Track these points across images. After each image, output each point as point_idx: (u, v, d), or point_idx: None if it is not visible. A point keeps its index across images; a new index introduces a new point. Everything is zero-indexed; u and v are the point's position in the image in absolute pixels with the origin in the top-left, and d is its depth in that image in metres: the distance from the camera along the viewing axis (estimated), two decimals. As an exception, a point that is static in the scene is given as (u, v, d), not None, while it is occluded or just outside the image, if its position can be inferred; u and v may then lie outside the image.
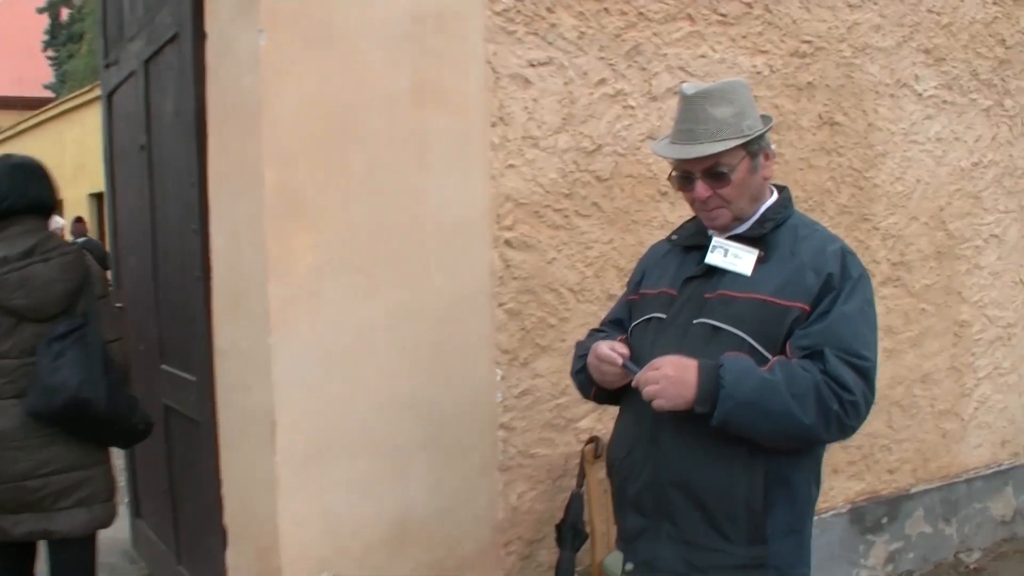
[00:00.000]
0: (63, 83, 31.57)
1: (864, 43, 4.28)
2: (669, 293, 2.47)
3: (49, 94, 29.80)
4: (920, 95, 4.52)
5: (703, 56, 3.79)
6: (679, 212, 3.47)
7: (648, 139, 3.63)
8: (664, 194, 3.69)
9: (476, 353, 3.32)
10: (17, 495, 3.01)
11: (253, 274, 2.97)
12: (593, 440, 3.47)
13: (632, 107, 3.68)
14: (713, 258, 2.39)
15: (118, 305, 4.06)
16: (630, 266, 3.11)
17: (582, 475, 3.46)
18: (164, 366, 4.00)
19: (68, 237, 12.25)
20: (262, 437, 2.99)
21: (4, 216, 3.11)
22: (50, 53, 34.16)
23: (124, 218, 4.65)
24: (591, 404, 3.03)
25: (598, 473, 3.35)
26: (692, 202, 2.45)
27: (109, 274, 3.95)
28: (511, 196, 3.39)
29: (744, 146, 2.33)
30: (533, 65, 3.41)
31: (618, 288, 3.41)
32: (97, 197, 19.23)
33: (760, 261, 2.35)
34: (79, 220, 12.78)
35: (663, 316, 2.44)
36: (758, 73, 3.94)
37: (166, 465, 4.13)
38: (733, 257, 2.36)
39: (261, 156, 2.87)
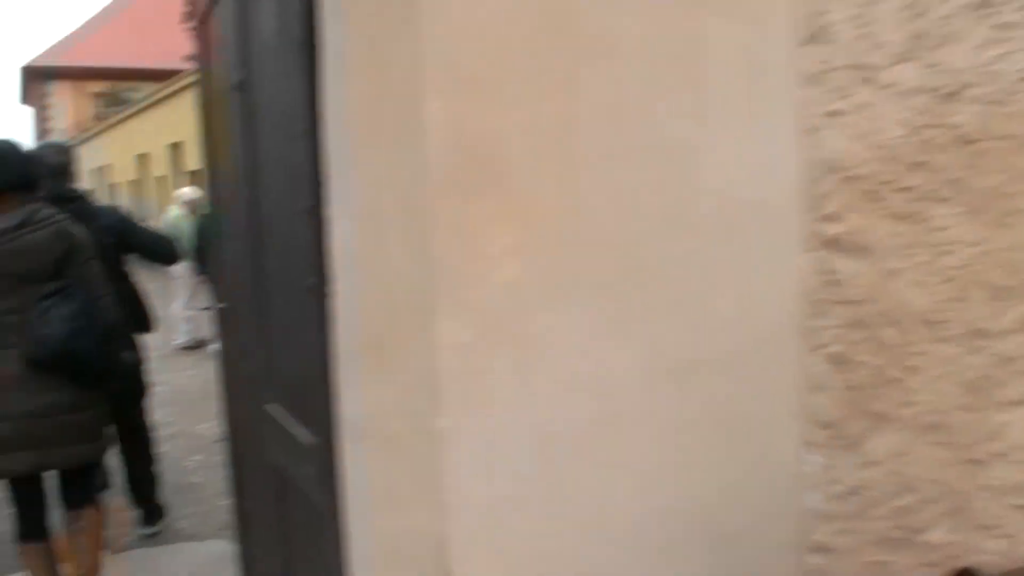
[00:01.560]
0: (207, 53, 31.15)
1: None
2: None
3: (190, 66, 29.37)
4: None
5: None
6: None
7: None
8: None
9: (777, 428, 1.95)
10: (19, 432, 3.59)
11: (408, 294, 1.64)
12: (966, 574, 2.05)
13: (1010, 25, 2.23)
14: None
15: (221, 306, 3.48)
16: (1009, 283, 1.80)
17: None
18: (269, 407, 2.76)
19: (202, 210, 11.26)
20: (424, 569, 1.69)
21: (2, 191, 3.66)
22: (195, 24, 33.92)
23: (222, 186, 3.40)
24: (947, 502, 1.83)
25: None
26: None
27: None
28: (835, 165, 2.00)
29: None
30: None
31: (989, 320, 2.02)
32: (234, 168, 18.48)
33: None
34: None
35: None
36: None
37: (280, 542, 2.90)
38: None
39: (421, 84, 1.56)
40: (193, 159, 21.17)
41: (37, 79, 45.20)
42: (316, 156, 2.01)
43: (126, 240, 4.97)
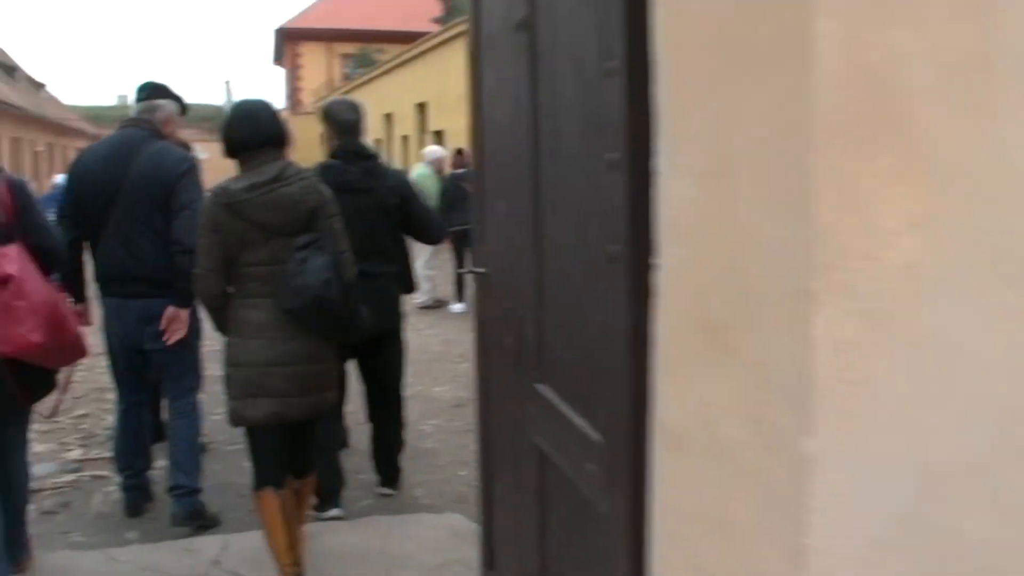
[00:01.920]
0: (450, 16, 31.57)
1: None
2: None
3: (436, 27, 29.80)
4: None
5: None
6: None
7: None
8: None
9: None
10: (267, 380, 3.69)
11: (768, 271, 1.25)
12: None
13: None
14: None
15: (480, 270, 3.19)
16: None
17: None
18: (539, 387, 2.45)
19: (447, 169, 11.21)
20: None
21: (246, 150, 3.77)
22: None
23: (491, 139, 3.11)
24: None
25: None
26: None
27: None
28: None
29: None
30: None
31: None
32: (476, 129, 18.54)
33: None
34: (459, 152, 11.68)
35: None
36: None
37: (537, 534, 2.61)
38: None
39: None
40: (438, 119, 21.44)
41: (290, 41, 47.26)
42: (630, 98, 1.67)
43: (403, 207, 4.96)
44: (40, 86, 51.09)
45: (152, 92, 5.01)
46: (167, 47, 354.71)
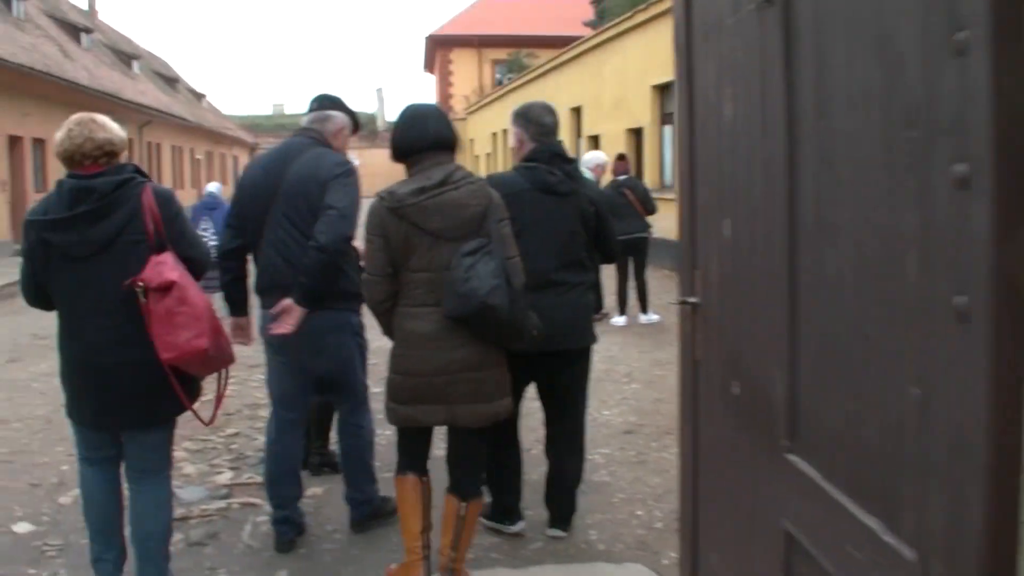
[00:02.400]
0: (602, 19, 31.09)
1: None
2: None
3: (587, 31, 29.34)
4: None
5: None
6: None
7: None
8: None
9: None
10: (429, 389, 3.66)
11: None
12: None
13: None
14: None
15: (693, 300, 2.73)
16: None
17: None
18: (793, 459, 1.92)
19: (608, 176, 10.69)
20: None
21: (414, 154, 3.76)
22: (592, -9, 34.19)
23: (709, 143, 2.58)
24: None
25: None
26: None
27: (654, 219, 3.33)
28: None
29: None
30: None
31: None
32: (635, 132, 17.97)
33: None
34: (621, 157, 11.12)
35: None
36: None
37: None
38: None
39: None
40: (593, 123, 20.98)
41: (440, 48, 47.51)
42: (997, 85, 1.13)
43: (596, 218, 4.56)
44: (200, 96, 52.71)
45: (324, 103, 4.79)
46: (321, 57, 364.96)
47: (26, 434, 6.76)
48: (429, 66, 55.31)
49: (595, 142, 20.55)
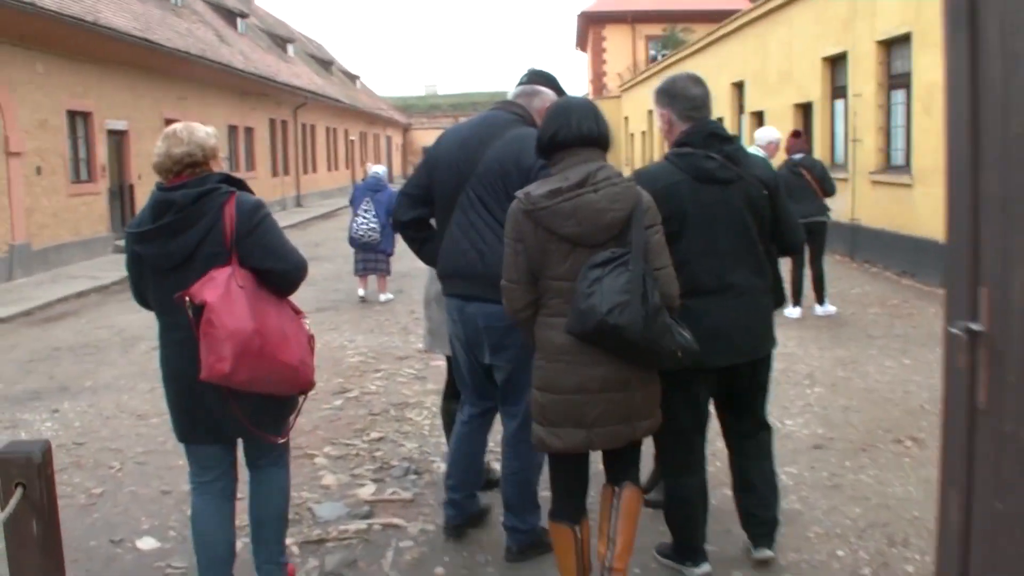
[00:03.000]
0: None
1: None
2: None
3: (744, 4, 28.07)
4: None
5: None
6: None
7: None
8: None
9: None
10: (568, 407, 3.36)
11: None
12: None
13: None
14: None
15: (976, 327, 2.01)
16: None
17: None
18: None
19: (780, 155, 9.80)
20: None
21: (556, 150, 3.45)
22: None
23: (999, 111, 1.83)
24: None
25: None
26: None
27: (830, 201, 2.56)
28: None
29: None
30: None
31: None
32: (804, 108, 16.89)
33: None
34: (796, 134, 10.11)
35: None
36: None
37: None
38: None
39: None
40: (756, 99, 19.96)
41: (593, 25, 46.73)
42: None
43: (770, 202, 3.88)
44: (354, 78, 53.35)
45: (535, 78, 4.34)
46: (472, 37, 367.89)
47: (164, 431, 6.39)
48: (581, 44, 54.56)
49: (759, 119, 19.47)
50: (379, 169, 12.19)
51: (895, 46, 13.04)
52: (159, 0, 24.84)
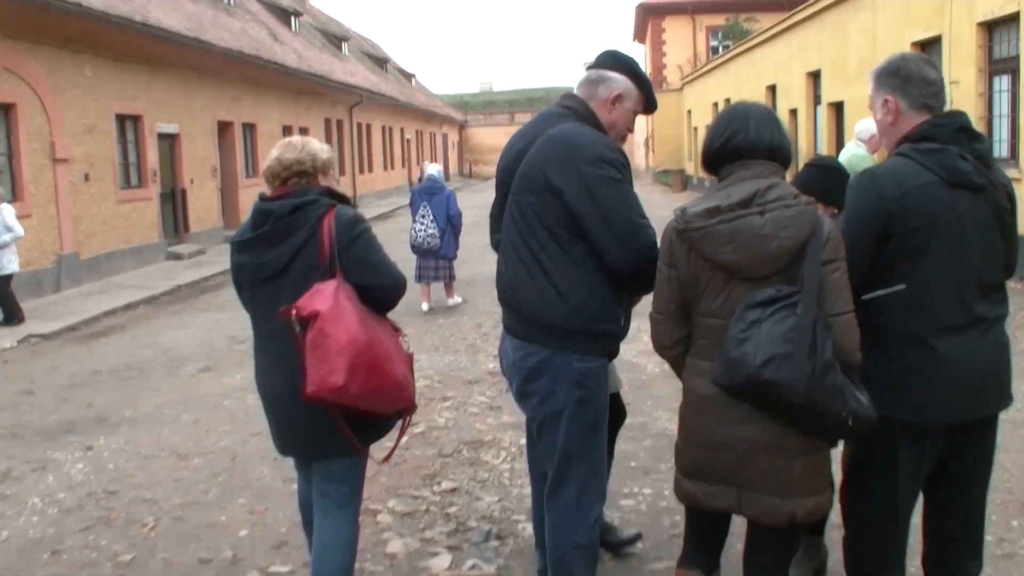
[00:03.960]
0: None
1: None
2: None
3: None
4: None
5: None
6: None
7: None
8: None
9: None
10: (712, 465, 2.90)
11: None
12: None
13: None
14: None
15: None
16: None
17: None
18: None
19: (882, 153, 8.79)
20: None
21: (724, 162, 2.94)
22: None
23: None
24: None
25: None
26: None
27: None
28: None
29: None
30: None
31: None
32: (888, 99, 15.82)
33: None
34: None
35: None
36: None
37: None
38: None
39: None
40: (834, 89, 18.91)
41: (652, 16, 45.85)
42: None
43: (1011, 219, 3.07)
44: (409, 76, 52.98)
45: (604, 60, 3.53)
46: (527, 33, 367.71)
47: (206, 475, 5.65)
48: (639, 36, 53.63)
49: (837, 110, 18.42)
50: (434, 170, 11.57)
51: (999, 28, 12.01)
52: (211, 0, 24.39)
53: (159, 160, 18.84)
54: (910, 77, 3.00)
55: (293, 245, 3.34)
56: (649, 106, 3.51)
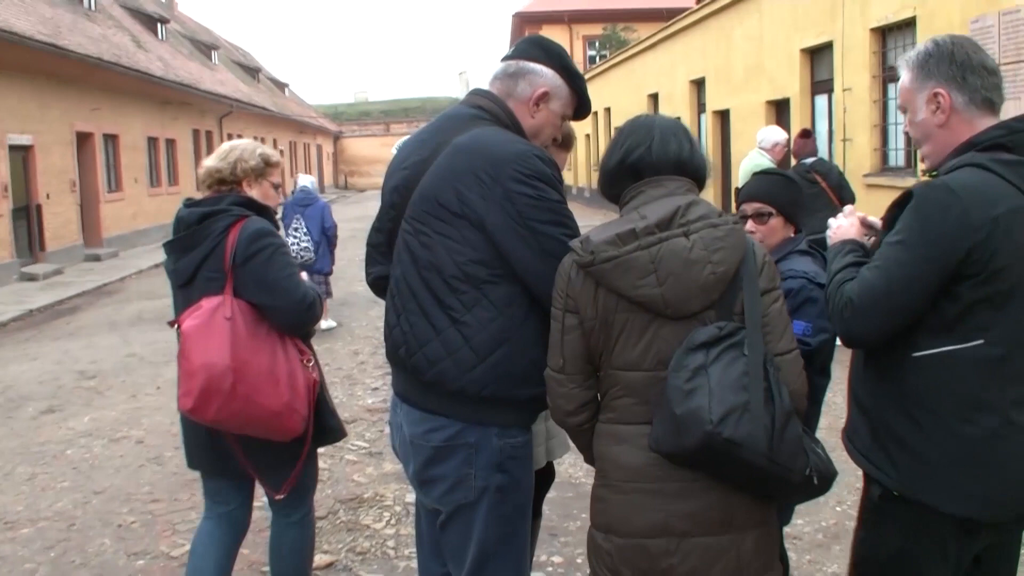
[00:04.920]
0: (711, -15, 28.74)
1: None
2: None
3: (689, 2, 26.96)
4: None
5: None
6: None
7: None
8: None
9: None
10: (641, 558, 2.33)
11: None
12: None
13: None
14: None
15: None
16: None
17: None
18: None
19: (789, 160, 8.37)
20: None
21: (625, 181, 2.44)
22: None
23: None
24: None
25: None
26: None
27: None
28: None
29: None
30: None
31: None
32: (777, 104, 15.60)
33: None
34: (806, 134, 8.63)
35: None
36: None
37: None
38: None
39: None
40: (717, 97, 18.72)
41: (529, 26, 45.63)
42: None
43: None
44: (282, 86, 51.96)
45: (524, 50, 2.82)
46: (402, 42, 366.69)
47: (38, 550, 4.74)
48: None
49: (723, 117, 18.20)
50: (307, 181, 10.94)
51: (893, 33, 11.80)
52: (71, 4, 23.07)
53: (10, 173, 17.50)
54: (968, 65, 2.34)
55: (199, 254, 3.26)
56: (581, 109, 2.84)
